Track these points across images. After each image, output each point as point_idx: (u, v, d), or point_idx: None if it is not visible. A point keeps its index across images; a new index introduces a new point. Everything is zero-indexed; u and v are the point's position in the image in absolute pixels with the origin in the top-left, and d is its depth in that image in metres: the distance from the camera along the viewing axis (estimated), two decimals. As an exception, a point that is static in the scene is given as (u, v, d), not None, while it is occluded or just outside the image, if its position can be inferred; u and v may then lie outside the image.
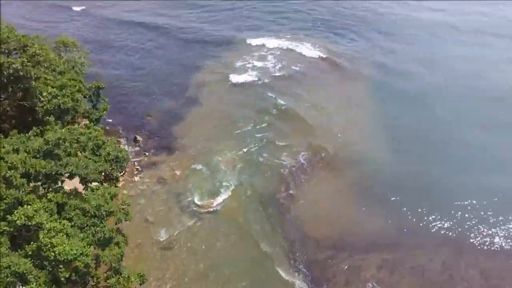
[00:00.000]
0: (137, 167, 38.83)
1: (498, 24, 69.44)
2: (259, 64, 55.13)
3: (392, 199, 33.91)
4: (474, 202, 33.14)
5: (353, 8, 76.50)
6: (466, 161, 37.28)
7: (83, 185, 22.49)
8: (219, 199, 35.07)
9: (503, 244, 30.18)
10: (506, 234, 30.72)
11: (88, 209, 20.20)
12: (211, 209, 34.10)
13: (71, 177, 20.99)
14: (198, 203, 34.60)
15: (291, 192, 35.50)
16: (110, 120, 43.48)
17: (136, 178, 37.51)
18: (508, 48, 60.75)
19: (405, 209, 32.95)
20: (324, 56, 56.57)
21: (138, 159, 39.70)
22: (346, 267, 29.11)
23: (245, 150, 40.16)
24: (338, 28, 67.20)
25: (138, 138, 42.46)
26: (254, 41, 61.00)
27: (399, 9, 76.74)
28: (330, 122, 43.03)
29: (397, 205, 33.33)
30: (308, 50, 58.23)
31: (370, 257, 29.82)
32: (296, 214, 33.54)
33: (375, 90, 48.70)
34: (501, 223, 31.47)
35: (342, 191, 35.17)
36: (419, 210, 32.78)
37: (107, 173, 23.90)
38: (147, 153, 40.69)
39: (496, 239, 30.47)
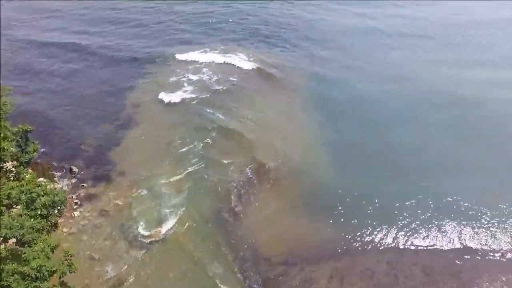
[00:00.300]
0: (76, 200, 36.85)
1: (419, 26, 73.85)
2: (193, 79, 54.50)
3: (336, 206, 35.09)
4: (413, 204, 35.19)
5: (283, 16, 77.97)
6: (404, 167, 39.30)
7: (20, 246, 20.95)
8: (167, 226, 34.16)
9: (440, 242, 32.37)
10: (442, 232, 32.96)
11: (28, 272, 18.81)
12: (160, 238, 33.13)
13: (5, 240, 19.40)
14: (145, 233, 33.49)
15: (239, 209, 35.50)
16: (43, 150, 40.81)
17: (76, 213, 35.60)
18: (431, 49, 64.54)
19: (349, 216, 34.21)
20: (258, 67, 57.04)
21: (75, 192, 37.80)
22: (298, 281, 29.60)
23: (188, 170, 39.51)
24: (270, 37, 68.19)
25: (74, 169, 40.29)
26: (186, 56, 60.16)
27: (326, 15, 79.16)
28: (271, 136, 43.52)
29: (342, 213, 34.50)
30: (242, 61, 58.48)
31: (321, 267, 30.59)
32: (246, 232, 33.59)
33: (310, 100, 49.86)
34: (438, 222, 33.71)
35: (289, 204, 35.76)
36: (363, 216, 34.23)
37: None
38: (85, 184, 38.72)
39: (434, 238, 32.60)
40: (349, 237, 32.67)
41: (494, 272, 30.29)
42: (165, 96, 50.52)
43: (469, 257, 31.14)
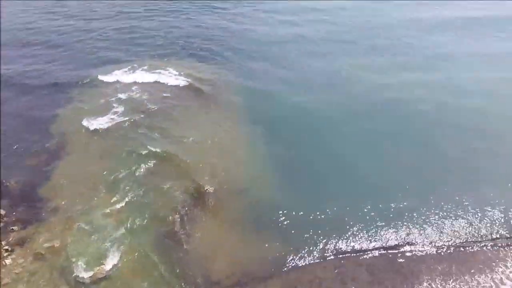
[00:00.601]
0: (6, 247, 34.03)
1: (343, 30, 76.97)
2: (122, 100, 52.59)
3: (282, 221, 35.80)
4: (354, 209, 36.89)
5: (209, 28, 77.80)
6: (344, 175, 40.82)
7: None
8: (111, 262, 32.57)
9: (382, 243, 34.36)
10: (382, 234, 34.99)
11: None
12: (104, 276, 31.57)
13: None
14: (88, 273, 31.68)
15: (184, 235, 34.89)
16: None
17: (8, 261, 32.87)
18: (357, 53, 67.22)
19: (295, 229, 35.08)
20: (190, 83, 56.30)
21: (5, 237, 34.85)
22: (250, 302, 29.99)
23: (127, 199, 38.11)
24: (198, 50, 67.75)
25: (0, 211, 37.27)
26: (112, 76, 58.00)
27: (253, 25, 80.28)
28: (209, 155, 43.20)
29: (287, 227, 35.28)
30: (172, 78, 57.41)
31: (272, 284, 31.03)
32: (194, 257, 33.17)
33: (246, 115, 50.13)
34: (378, 224, 35.68)
35: (234, 223, 35.84)
36: (308, 227, 35.27)
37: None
38: (14, 228, 35.79)
39: (376, 240, 34.51)
40: (297, 249, 33.49)
41: (430, 263, 32.76)
42: (93, 122, 48.21)
43: (408, 253, 33.39)
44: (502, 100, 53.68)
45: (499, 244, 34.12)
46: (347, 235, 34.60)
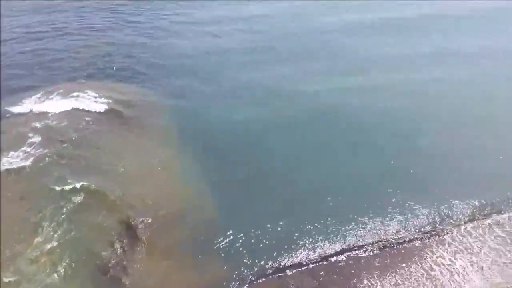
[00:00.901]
0: None
1: (267, 39, 77.03)
2: (37, 131, 47.95)
3: (220, 242, 35.86)
4: (295, 222, 37.90)
5: (127, 45, 74.55)
6: (280, 192, 41.54)
7: None
8: (45, 313, 30.51)
9: (320, 249, 35.89)
10: (320, 241, 36.46)
11: None
12: (39, 330, 29.46)
13: None
14: (20, 331, 29.36)
15: (123, 267, 33.60)
16: None
17: None
18: (285, 62, 67.71)
19: (235, 250, 35.35)
20: (112, 107, 53.56)
21: None
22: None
23: (57, 239, 35.38)
24: (117, 69, 64.93)
25: None
26: (23, 106, 53.23)
27: (174, 38, 78.39)
28: (142, 185, 41.61)
29: (227, 250, 35.36)
30: (92, 102, 54.08)
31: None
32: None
33: (177, 137, 48.95)
34: (315, 233, 37.00)
35: (174, 251, 35.19)
36: (249, 246, 35.68)
37: None
38: None
39: (314, 246, 35.94)
40: (240, 269, 33.68)
41: (368, 261, 34.95)
42: (6, 159, 43.76)
43: (347, 255, 35.35)
44: (433, 100, 56.20)
45: (426, 235, 37.38)
46: (288, 247, 35.49)
